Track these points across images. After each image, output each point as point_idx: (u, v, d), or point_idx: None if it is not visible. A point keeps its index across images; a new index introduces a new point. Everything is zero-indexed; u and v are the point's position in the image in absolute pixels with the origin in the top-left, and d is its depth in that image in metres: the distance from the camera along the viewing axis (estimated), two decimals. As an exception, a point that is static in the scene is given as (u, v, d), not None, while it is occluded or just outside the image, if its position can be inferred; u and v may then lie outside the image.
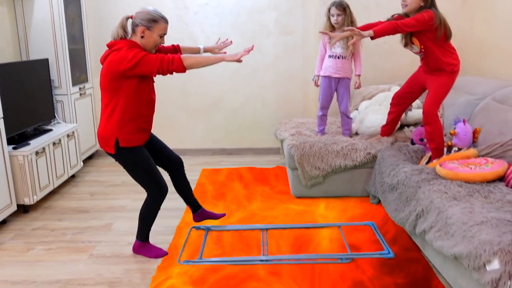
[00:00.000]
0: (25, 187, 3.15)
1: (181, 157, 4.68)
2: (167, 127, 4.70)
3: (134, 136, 2.38)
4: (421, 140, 3.07)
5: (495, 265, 1.72)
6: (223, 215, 2.95)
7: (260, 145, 4.77)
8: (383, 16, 3.08)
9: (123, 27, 2.31)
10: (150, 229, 2.64)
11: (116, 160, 2.46)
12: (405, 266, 2.43)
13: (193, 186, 3.73)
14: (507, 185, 2.31)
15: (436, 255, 2.26)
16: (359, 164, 3.28)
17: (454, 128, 3.05)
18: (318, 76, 3.57)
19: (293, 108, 4.66)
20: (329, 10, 3.32)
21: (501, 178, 2.39)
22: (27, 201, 3.18)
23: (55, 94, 3.95)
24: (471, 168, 2.41)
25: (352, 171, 3.34)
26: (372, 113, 3.57)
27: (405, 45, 3.03)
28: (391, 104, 3.33)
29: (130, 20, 2.34)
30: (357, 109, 4.00)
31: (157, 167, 2.57)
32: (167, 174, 2.77)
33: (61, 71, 3.92)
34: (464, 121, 3.04)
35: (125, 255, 2.61)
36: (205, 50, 2.82)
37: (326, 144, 3.34)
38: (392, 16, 3.01)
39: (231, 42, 2.84)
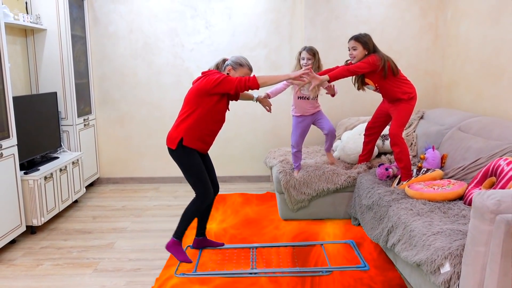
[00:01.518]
0: (34, 209, 3.43)
1: (178, 184, 5.02)
2: (165, 156, 5.01)
3: (196, 142, 2.85)
4: (386, 169, 3.36)
5: (446, 267, 2.02)
6: (222, 244, 3.22)
7: (251, 173, 5.09)
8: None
9: (218, 64, 2.96)
10: (186, 229, 2.96)
11: (174, 157, 2.87)
12: (381, 277, 2.71)
13: (188, 210, 4.02)
14: (465, 203, 2.63)
15: (405, 266, 2.55)
16: (340, 187, 3.59)
17: (425, 154, 3.40)
18: (268, 94, 3.58)
19: (282, 138, 5.01)
20: (300, 53, 3.55)
21: (461, 198, 2.72)
22: (35, 222, 3.45)
23: (62, 124, 4.28)
24: (434, 188, 2.73)
25: (334, 195, 3.65)
26: (352, 141, 3.91)
27: (358, 88, 3.48)
28: (364, 135, 3.69)
29: (225, 62, 2.93)
30: (339, 139, 4.34)
31: None
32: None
33: (67, 104, 4.26)
34: (433, 148, 3.39)
35: (126, 269, 2.88)
36: (257, 99, 3.44)
37: (309, 171, 3.67)
38: (346, 61, 3.47)
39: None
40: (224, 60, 2.95)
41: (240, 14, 4.80)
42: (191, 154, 2.84)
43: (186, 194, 4.57)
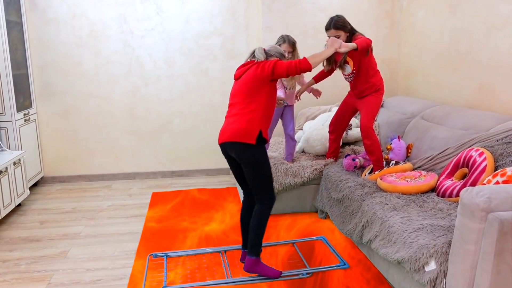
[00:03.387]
0: (-29, 218, 3.06)
1: (131, 181, 4.74)
2: (115, 151, 4.70)
3: (267, 132, 2.60)
4: (353, 160, 3.32)
5: (432, 266, 1.97)
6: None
7: (210, 166, 4.89)
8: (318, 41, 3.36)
9: (256, 56, 2.64)
10: (261, 243, 2.60)
11: (247, 155, 2.50)
12: (357, 273, 2.65)
13: (144, 211, 3.78)
14: (438, 195, 2.61)
15: (381, 261, 2.50)
16: (307, 181, 3.50)
17: (390, 144, 3.37)
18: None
19: (241, 129, 4.84)
20: (279, 45, 3.39)
21: (433, 189, 2.70)
22: (-26, 233, 3.08)
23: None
24: (407, 181, 2.70)
25: (300, 188, 3.55)
26: (316, 132, 3.83)
27: (339, 66, 3.32)
28: (329, 132, 3.60)
29: (267, 53, 2.66)
30: (301, 129, 4.25)
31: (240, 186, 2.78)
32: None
33: (4, 97, 3.84)
34: (399, 138, 3.37)
35: (85, 282, 2.62)
36: (311, 90, 3.60)
37: (276, 164, 3.54)
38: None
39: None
40: (267, 53, 2.66)
41: (194, 0, 4.54)
42: (264, 149, 2.58)
43: (141, 192, 4.31)
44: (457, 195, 2.48)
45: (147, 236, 3.21)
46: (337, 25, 3.10)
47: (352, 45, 2.82)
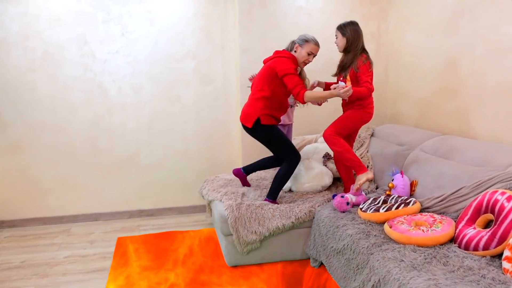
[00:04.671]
0: None
1: (93, 223, 4.19)
2: (74, 190, 4.13)
3: (270, 119, 3.13)
4: (342, 197, 2.93)
5: None
6: (249, 185, 3.56)
7: (183, 203, 4.38)
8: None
9: (288, 47, 3.24)
10: (280, 191, 3.21)
11: (252, 135, 3.17)
12: None
13: (108, 263, 3.23)
14: (459, 246, 2.22)
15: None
16: (297, 223, 3.06)
17: (392, 180, 2.99)
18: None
19: (218, 161, 4.38)
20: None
21: (452, 239, 2.31)
22: None
23: None
24: (423, 230, 2.29)
25: (290, 232, 3.10)
26: (305, 170, 3.41)
27: (338, 78, 3.20)
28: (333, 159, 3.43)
29: (294, 42, 3.20)
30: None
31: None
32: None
33: None
34: (402, 173, 2.99)
35: None
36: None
37: (262, 204, 3.10)
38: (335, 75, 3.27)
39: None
40: (293, 41, 3.19)
41: (164, 20, 4.09)
42: (271, 128, 3.14)
43: (104, 237, 3.75)
44: (485, 247, 2.09)
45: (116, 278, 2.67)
46: (340, 25, 3.10)
47: (349, 93, 2.80)
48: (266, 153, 4.16)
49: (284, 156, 3.17)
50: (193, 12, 4.12)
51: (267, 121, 3.09)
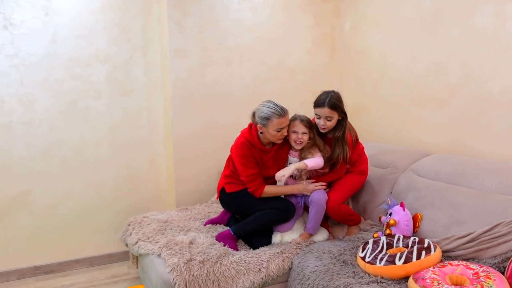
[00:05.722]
0: None
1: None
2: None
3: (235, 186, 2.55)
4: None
5: None
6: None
7: (95, 252, 3.30)
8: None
9: (252, 119, 2.48)
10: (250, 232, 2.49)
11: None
12: None
13: None
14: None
15: None
16: (271, 279, 2.24)
17: (390, 215, 2.30)
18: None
19: (142, 195, 3.39)
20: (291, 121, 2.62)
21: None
22: None
23: None
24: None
25: (259, 293, 2.26)
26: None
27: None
28: None
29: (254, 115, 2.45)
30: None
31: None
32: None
33: None
34: (402, 205, 2.31)
35: None
36: None
37: (220, 257, 2.21)
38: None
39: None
40: (254, 116, 2.45)
41: (65, 10, 3.06)
42: (235, 197, 2.56)
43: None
44: None
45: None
46: (335, 105, 2.42)
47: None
48: (205, 179, 3.30)
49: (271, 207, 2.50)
50: (104, 3, 3.14)
51: (232, 188, 2.56)
